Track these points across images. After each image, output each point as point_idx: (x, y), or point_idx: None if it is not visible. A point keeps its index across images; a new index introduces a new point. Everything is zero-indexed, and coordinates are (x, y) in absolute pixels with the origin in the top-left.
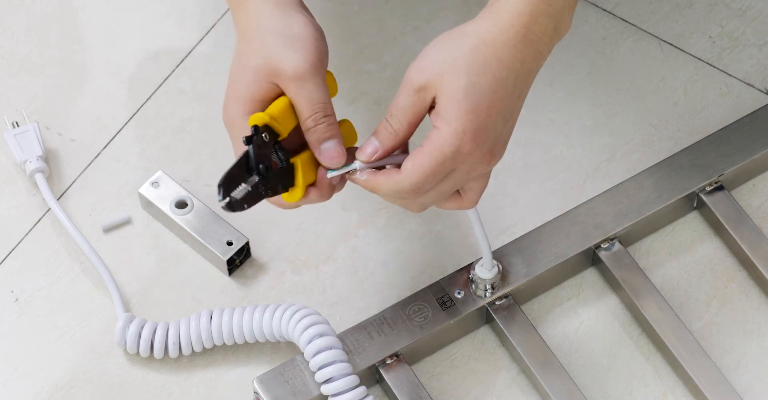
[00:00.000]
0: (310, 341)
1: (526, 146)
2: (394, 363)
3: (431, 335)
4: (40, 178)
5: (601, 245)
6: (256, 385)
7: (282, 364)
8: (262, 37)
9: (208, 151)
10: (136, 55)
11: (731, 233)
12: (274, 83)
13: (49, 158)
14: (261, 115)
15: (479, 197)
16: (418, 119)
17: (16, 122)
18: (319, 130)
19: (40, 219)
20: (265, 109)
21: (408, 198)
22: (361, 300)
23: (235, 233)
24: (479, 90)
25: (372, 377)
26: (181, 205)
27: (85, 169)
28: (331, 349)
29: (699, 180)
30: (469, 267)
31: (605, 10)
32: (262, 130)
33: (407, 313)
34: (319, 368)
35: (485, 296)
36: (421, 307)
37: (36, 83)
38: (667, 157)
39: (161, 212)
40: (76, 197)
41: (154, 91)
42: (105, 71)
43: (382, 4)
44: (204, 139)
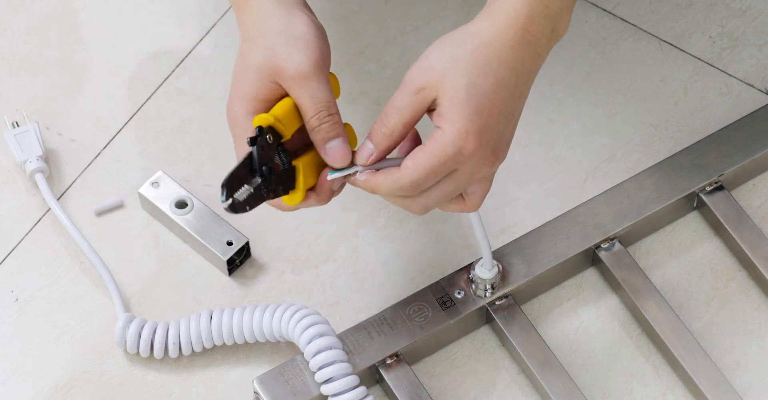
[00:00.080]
0: (310, 341)
1: (526, 146)
2: (394, 363)
3: (431, 335)
4: (40, 178)
5: (601, 245)
6: (256, 385)
7: (282, 364)
8: (265, 37)
9: (208, 151)
10: (136, 55)
11: (731, 233)
12: (277, 83)
13: (49, 158)
14: (265, 116)
15: (482, 200)
16: (414, 120)
17: (16, 122)
18: (324, 130)
19: (40, 219)
20: (268, 109)
21: (408, 197)
22: (361, 300)
23: (235, 233)
24: (481, 90)
25: (372, 377)
26: (181, 205)
27: (85, 169)
28: (331, 349)
29: (699, 180)
30: (469, 267)
31: (605, 10)
32: (266, 132)
33: (407, 313)
34: (319, 368)
35: (485, 296)
36: (421, 307)
37: (36, 83)
38: (667, 157)
39: (161, 212)
40: (76, 197)
41: (154, 91)
42: (105, 71)
43: (382, 4)
44: (204, 139)
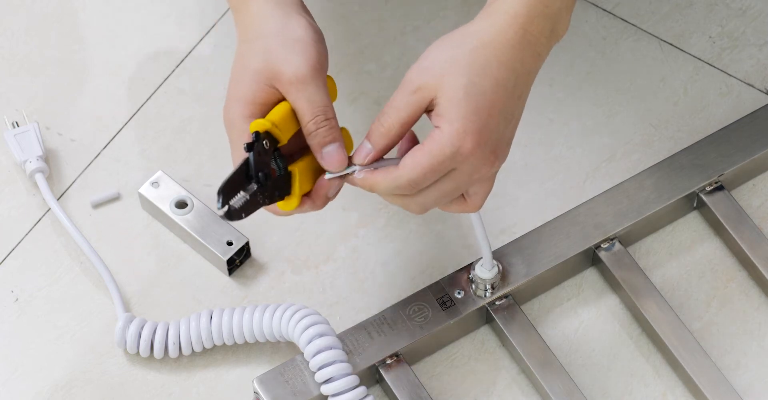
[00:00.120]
0: (310, 341)
1: (526, 146)
2: (394, 363)
3: (431, 335)
4: (40, 178)
5: (601, 245)
6: (256, 385)
7: (282, 364)
8: (263, 40)
9: (208, 151)
10: (136, 55)
11: (731, 233)
12: (275, 87)
13: (49, 158)
14: (262, 121)
15: (484, 201)
16: (412, 119)
17: (16, 122)
18: (321, 134)
19: (40, 219)
20: (265, 113)
21: (407, 196)
22: (361, 300)
23: (235, 233)
24: (480, 90)
25: (372, 377)
26: (181, 205)
27: (85, 169)
28: (331, 349)
29: (699, 180)
30: (469, 267)
31: (605, 10)
32: (263, 137)
33: (407, 313)
34: (319, 368)
35: (485, 296)
36: (421, 307)
37: (36, 83)
38: (667, 157)
39: (161, 212)
40: (76, 197)
41: (154, 91)
42: (105, 71)
43: (382, 4)
44: (204, 139)
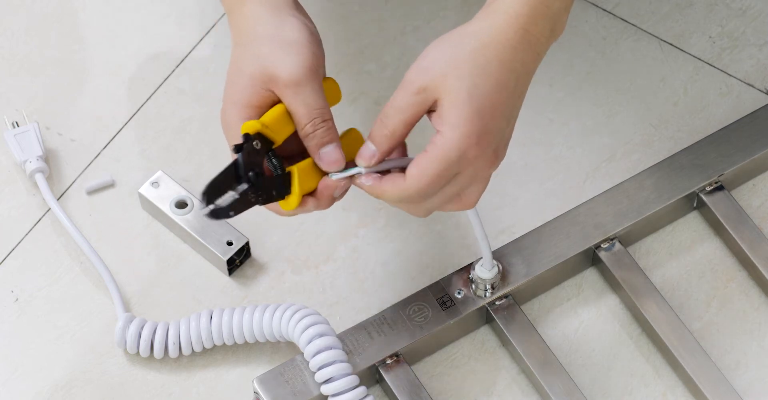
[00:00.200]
0: (310, 341)
1: (526, 146)
2: (394, 363)
3: (431, 335)
4: (40, 178)
5: (601, 245)
6: (256, 385)
7: (282, 364)
8: (257, 43)
9: (208, 151)
10: (136, 55)
11: (731, 233)
12: (270, 90)
13: (49, 158)
14: (253, 123)
15: (479, 198)
16: (414, 120)
17: (16, 122)
18: (318, 136)
19: (40, 219)
20: (261, 116)
21: (413, 203)
22: (361, 300)
23: (235, 233)
24: (482, 92)
25: (372, 377)
26: (181, 205)
27: (85, 169)
28: (331, 349)
29: (699, 180)
30: (469, 267)
31: (605, 10)
32: (253, 138)
33: (407, 313)
34: (319, 368)
35: (485, 296)
36: (421, 307)
37: (36, 83)
38: (667, 157)
39: (161, 212)
40: (76, 197)
41: (154, 91)
42: (105, 71)
43: (382, 4)
44: (204, 139)
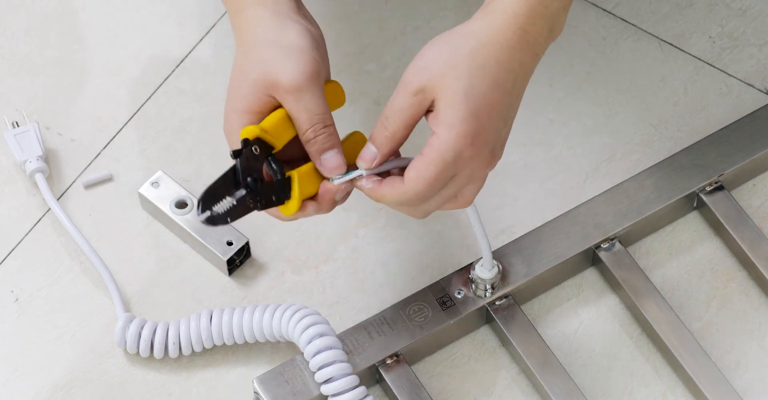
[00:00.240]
0: (310, 341)
1: (526, 146)
2: (394, 363)
3: (431, 335)
4: (40, 178)
5: (601, 245)
6: (256, 385)
7: (282, 364)
8: (259, 49)
9: (208, 151)
10: (136, 55)
11: (731, 233)
12: (272, 96)
13: (49, 158)
14: (252, 128)
15: (475, 197)
16: (414, 121)
17: (16, 122)
18: (320, 141)
19: (40, 219)
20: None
21: (412, 206)
22: (361, 300)
23: (235, 233)
24: (479, 92)
25: (372, 377)
26: (181, 205)
27: (85, 169)
28: (331, 349)
29: (699, 180)
30: (469, 267)
31: (605, 10)
32: (252, 144)
33: (407, 313)
34: (319, 368)
35: (485, 296)
36: (421, 307)
37: (36, 83)
38: (667, 157)
39: (161, 212)
40: (76, 197)
41: (154, 91)
42: (105, 71)
43: (382, 4)
44: (204, 139)
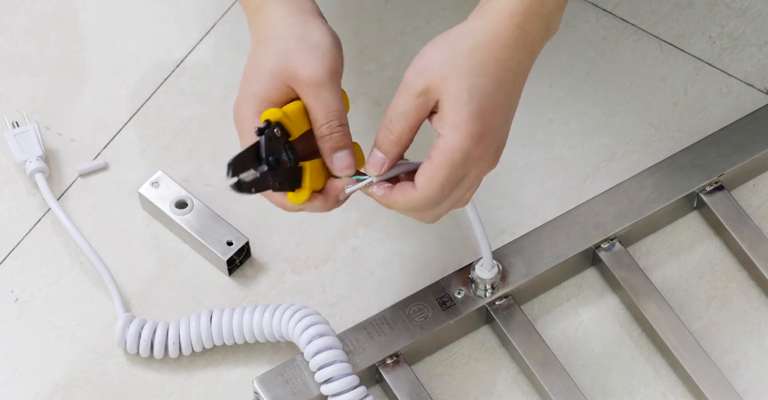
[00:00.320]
0: (310, 341)
1: (526, 146)
2: (394, 363)
3: (431, 335)
4: (40, 178)
5: (601, 245)
6: (256, 385)
7: (282, 364)
8: (281, 41)
9: (208, 151)
10: (136, 55)
11: (731, 233)
12: (290, 87)
13: (49, 158)
14: (275, 110)
15: (472, 195)
16: (419, 123)
17: (16, 122)
18: (334, 139)
19: (40, 219)
20: None
21: (424, 211)
22: (361, 300)
23: (235, 233)
24: (482, 91)
25: (372, 377)
26: (181, 205)
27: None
28: (331, 349)
29: (699, 180)
30: (469, 267)
31: (605, 10)
32: (274, 126)
33: (407, 313)
34: (319, 368)
35: (485, 296)
36: (421, 307)
37: (36, 83)
38: (667, 157)
39: (161, 212)
40: (76, 197)
41: (154, 91)
42: (105, 71)
43: (382, 4)
44: (204, 139)
